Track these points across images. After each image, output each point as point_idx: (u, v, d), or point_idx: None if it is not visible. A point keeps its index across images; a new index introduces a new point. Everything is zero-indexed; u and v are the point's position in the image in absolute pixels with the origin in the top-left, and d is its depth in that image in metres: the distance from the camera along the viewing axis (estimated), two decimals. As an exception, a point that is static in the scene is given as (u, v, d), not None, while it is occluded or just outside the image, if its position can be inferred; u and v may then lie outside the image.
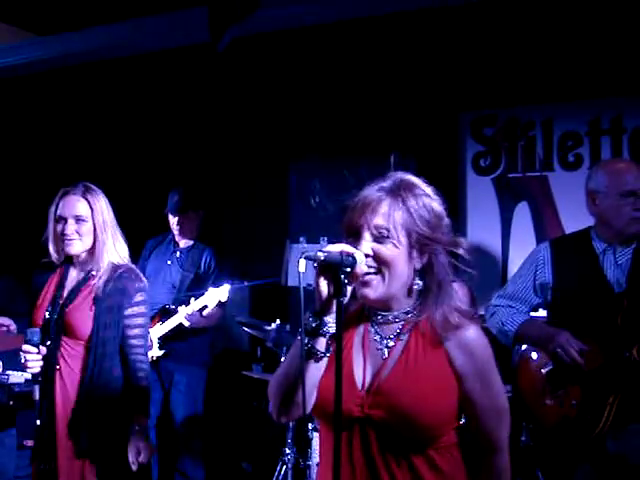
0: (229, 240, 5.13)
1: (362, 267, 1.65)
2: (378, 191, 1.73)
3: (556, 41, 4.23)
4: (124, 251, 2.96)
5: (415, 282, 1.74)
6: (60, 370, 2.79)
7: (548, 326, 3.02)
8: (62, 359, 2.80)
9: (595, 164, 3.84)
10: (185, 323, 4.15)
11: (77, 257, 2.91)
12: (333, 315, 1.64)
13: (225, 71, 5.08)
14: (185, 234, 4.53)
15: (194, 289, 4.31)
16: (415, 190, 1.74)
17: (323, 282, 1.63)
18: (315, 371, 1.68)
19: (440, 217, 1.75)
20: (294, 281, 5.00)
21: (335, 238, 1.71)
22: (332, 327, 1.65)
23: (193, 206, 4.52)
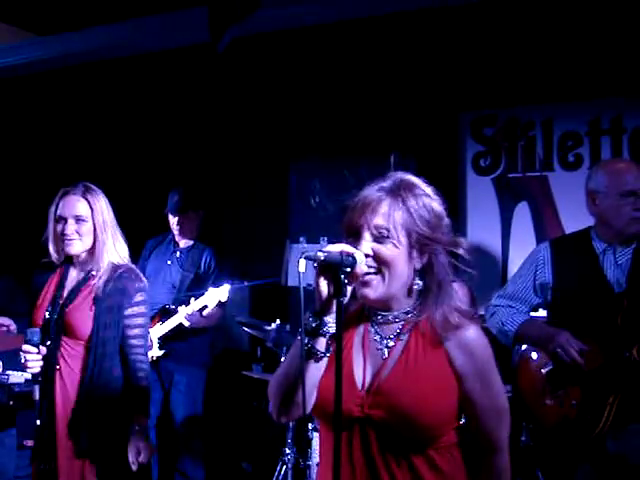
0: (229, 240, 5.13)
1: (362, 267, 1.64)
2: (378, 191, 1.73)
3: (556, 41, 4.23)
4: (124, 251, 2.96)
5: (415, 282, 1.74)
6: (60, 370, 2.79)
7: (548, 326, 3.02)
8: (62, 359, 2.80)
9: (595, 164, 3.84)
10: (185, 323, 4.15)
11: (77, 257, 2.91)
12: (333, 315, 1.64)
13: (225, 71, 5.08)
14: (185, 234, 4.53)
15: (194, 289, 4.32)
16: (415, 190, 1.74)
17: (323, 282, 1.63)
18: (315, 371, 1.68)
19: (440, 217, 1.75)
20: (294, 281, 5.00)
21: (335, 238, 1.71)
22: (332, 327, 1.65)
23: (193, 206, 4.53)
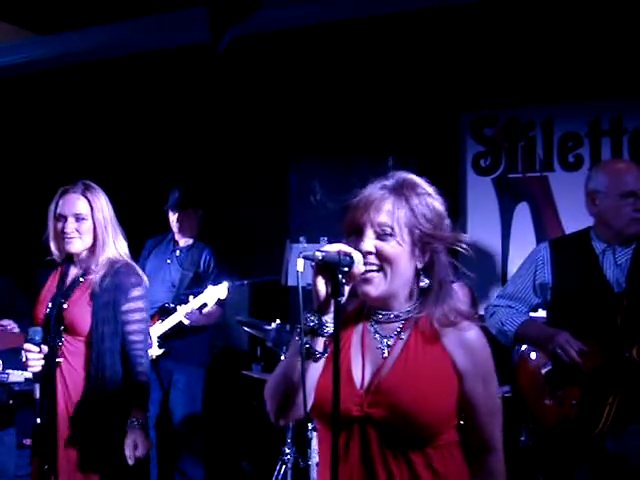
0: (229, 240, 5.12)
1: (360, 267, 1.64)
2: (381, 189, 1.73)
3: (556, 42, 4.23)
4: (124, 248, 2.96)
5: (422, 279, 1.74)
6: (61, 367, 2.79)
7: (548, 326, 3.01)
8: (63, 356, 2.80)
9: (595, 164, 3.85)
10: (185, 322, 4.15)
11: (77, 255, 2.91)
12: (331, 315, 1.63)
13: (225, 71, 5.07)
14: (184, 232, 4.53)
15: (193, 288, 4.32)
16: (418, 189, 1.75)
17: (321, 281, 1.63)
18: (313, 372, 1.67)
19: (442, 216, 1.75)
20: (294, 281, 5.00)
21: (335, 238, 1.71)
22: (330, 327, 1.64)
23: (193, 203, 4.52)
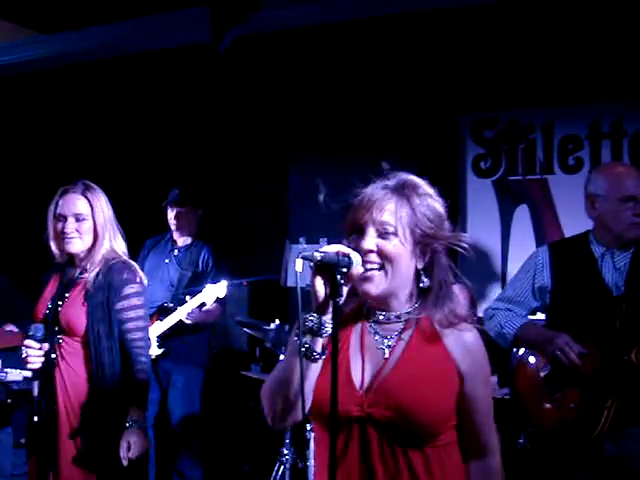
0: (229, 240, 5.12)
1: (358, 268, 1.64)
2: (383, 189, 1.74)
3: (557, 44, 4.23)
4: (122, 247, 2.96)
5: (422, 279, 1.75)
6: (59, 367, 2.79)
7: (547, 329, 3.01)
8: (60, 356, 2.80)
9: (594, 167, 3.83)
10: (186, 321, 4.16)
11: (77, 255, 2.91)
12: (330, 315, 1.63)
13: (226, 71, 5.08)
14: (183, 230, 4.52)
15: (192, 287, 4.32)
16: (419, 190, 1.76)
17: (319, 282, 1.62)
18: (311, 373, 1.67)
19: (442, 218, 1.76)
20: (293, 281, 5.00)
21: (335, 239, 1.72)
22: (329, 327, 1.63)
23: (192, 201, 4.52)
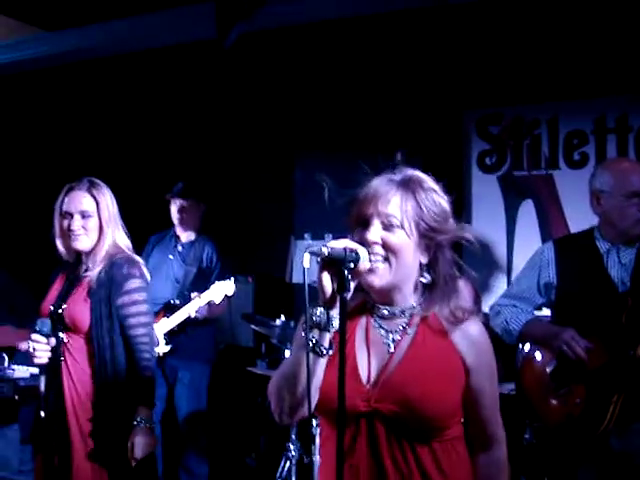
0: (233, 236, 5.13)
1: (365, 263, 1.65)
2: (389, 183, 1.75)
3: (562, 39, 4.22)
4: (126, 243, 2.96)
5: (423, 275, 1.75)
6: (66, 363, 2.79)
7: (553, 325, 3.01)
8: (67, 352, 2.80)
9: (600, 163, 3.83)
10: (194, 314, 4.18)
11: (84, 252, 2.91)
12: (337, 310, 1.63)
13: (231, 66, 5.08)
14: (186, 224, 4.51)
15: (198, 283, 4.32)
16: (424, 185, 1.77)
17: (326, 277, 1.63)
18: (318, 368, 1.67)
19: (447, 213, 1.76)
20: (299, 278, 5.00)
21: (340, 234, 1.72)
22: (337, 322, 1.63)
23: (196, 194, 4.51)
